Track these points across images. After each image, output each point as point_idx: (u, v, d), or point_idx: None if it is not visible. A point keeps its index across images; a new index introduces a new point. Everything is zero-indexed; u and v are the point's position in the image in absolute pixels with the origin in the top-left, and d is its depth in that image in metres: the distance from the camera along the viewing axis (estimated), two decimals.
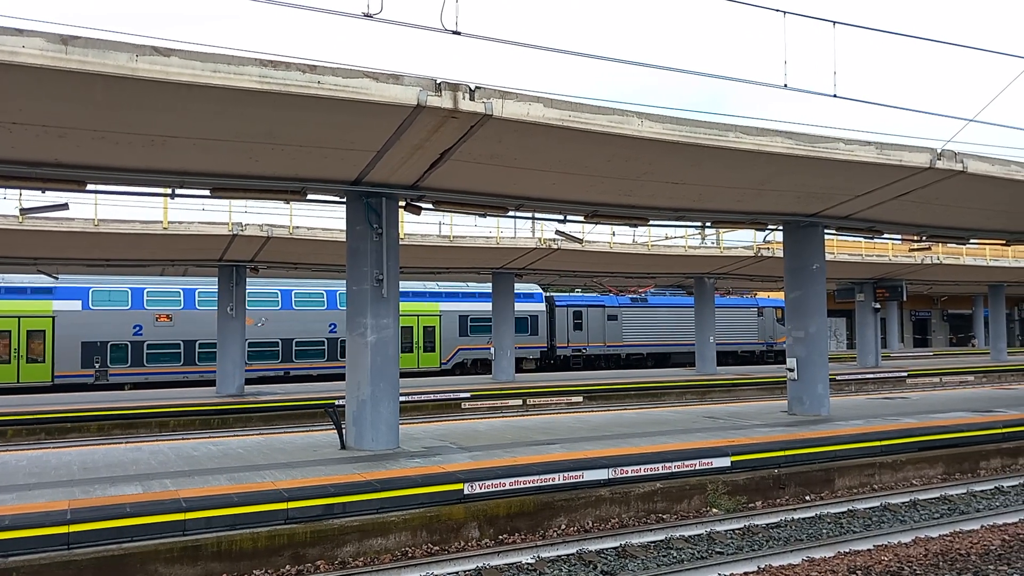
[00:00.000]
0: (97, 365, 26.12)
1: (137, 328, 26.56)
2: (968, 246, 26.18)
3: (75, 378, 25.82)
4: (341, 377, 30.57)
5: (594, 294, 36.38)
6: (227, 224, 18.23)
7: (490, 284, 26.32)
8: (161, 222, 17.74)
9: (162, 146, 9.02)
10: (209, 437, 13.58)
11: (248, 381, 25.68)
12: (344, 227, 11.74)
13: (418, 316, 30.71)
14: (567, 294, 36.04)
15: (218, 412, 19.38)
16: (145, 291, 26.98)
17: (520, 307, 31.81)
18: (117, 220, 17.54)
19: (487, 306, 30.64)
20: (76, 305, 25.93)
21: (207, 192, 10.75)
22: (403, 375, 28.55)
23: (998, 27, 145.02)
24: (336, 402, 19.49)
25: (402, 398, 19.91)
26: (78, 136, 8.57)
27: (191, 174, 10.24)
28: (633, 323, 35.39)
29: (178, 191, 10.90)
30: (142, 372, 26.64)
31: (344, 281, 30.59)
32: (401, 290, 33.58)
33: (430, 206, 11.93)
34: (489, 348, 29.09)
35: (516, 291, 30.66)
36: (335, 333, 29.34)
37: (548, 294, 35.18)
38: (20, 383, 25.08)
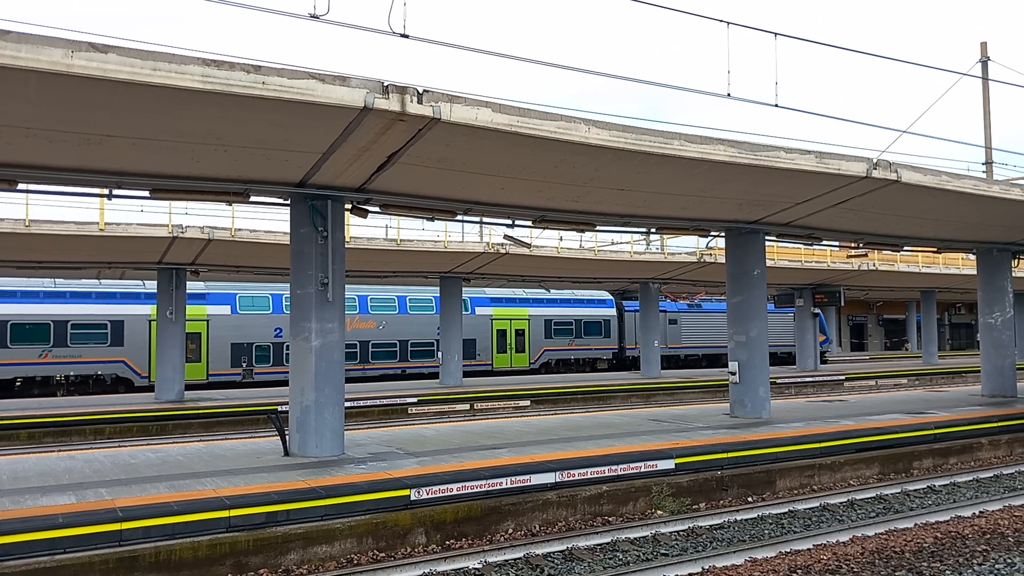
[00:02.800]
0: (244, 364, 28.49)
1: (278, 331, 29.01)
2: (902, 253, 27.13)
3: (226, 376, 28.08)
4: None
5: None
6: (167, 226, 17.79)
7: (572, 291, 26.92)
8: (97, 223, 17.22)
9: (99, 145, 8.76)
10: (147, 444, 13.21)
11: (369, 379, 30.23)
12: (288, 229, 11.56)
13: (510, 320, 33.72)
14: (636, 301, 38.00)
15: (157, 419, 18.88)
16: (284, 296, 29.43)
17: (594, 312, 35.54)
18: (50, 221, 16.96)
19: (568, 311, 34.99)
20: (226, 309, 28.36)
21: (146, 193, 10.48)
22: (497, 373, 33.35)
23: (931, 43, 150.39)
24: (279, 408, 19.20)
25: (348, 403, 19.69)
26: (9, 133, 8.27)
27: (129, 174, 9.97)
28: (690, 327, 37.97)
29: (116, 192, 10.59)
30: (282, 371, 28.72)
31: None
32: (495, 296, 33.96)
33: (377, 209, 11.83)
34: (570, 350, 34.52)
35: (590, 298, 35.89)
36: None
37: (619, 300, 37.72)
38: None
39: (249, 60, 7.61)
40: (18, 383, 25.60)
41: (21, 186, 10.02)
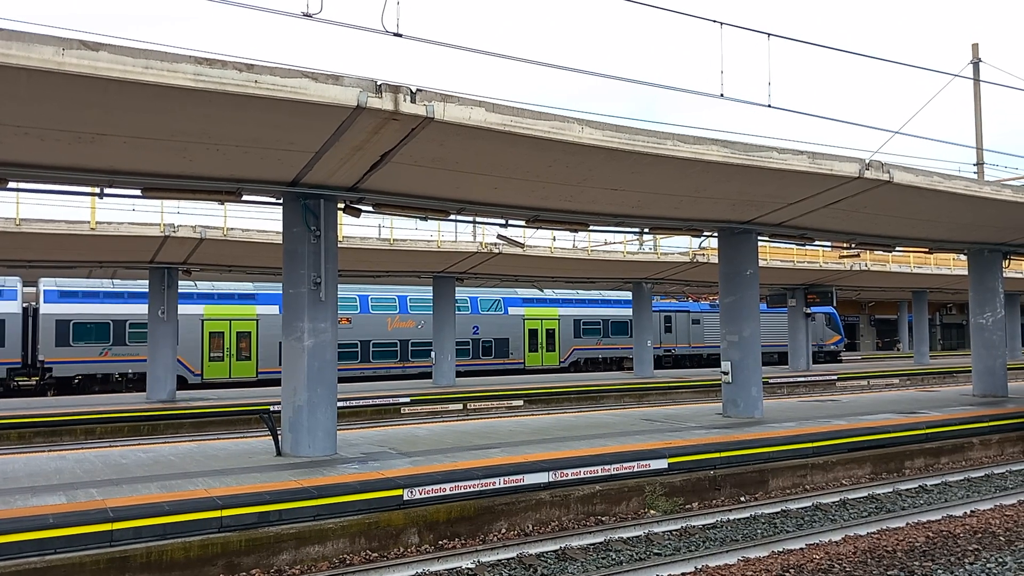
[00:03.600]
0: None
1: None
2: (894, 254, 27.23)
3: (274, 374, 28.13)
4: (482, 373, 33.38)
5: (681, 301, 40.30)
6: (159, 225, 17.71)
7: (600, 292, 27.19)
8: (89, 222, 17.13)
9: (90, 143, 8.71)
10: (139, 444, 13.15)
11: (409, 377, 31.44)
12: (281, 229, 11.53)
13: (541, 320, 35.04)
14: (660, 301, 39.15)
15: (148, 419, 18.80)
16: None
17: (621, 312, 36.82)
18: (41, 220, 16.87)
19: (596, 311, 36.35)
20: (274, 309, 28.99)
21: (138, 192, 10.43)
22: (529, 371, 34.42)
23: (923, 44, 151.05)
24: (271, 407, 19.14)
25: (340, 403, 19.65)
26: (0, 131, 8.22)
27: (121, 173, 9.92)
28: (712, 327, 38.86)
29: (107, 190, 10.53)
30: None
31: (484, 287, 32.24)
32: (527, 296, 34.62)
33: (370, 209, 11.80)
34: (598, 348, 35.94)
35: (617, 298, 37.25)
36: (477, 335, 33.53)
37: None
38: (231, 378, 28.31)
39: (242, 59, 7.59)
40: (76, 380, 26.25)
41: (12, 184, 9.96)
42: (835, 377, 30.85)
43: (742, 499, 11.13)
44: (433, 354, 26.25)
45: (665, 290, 36.50)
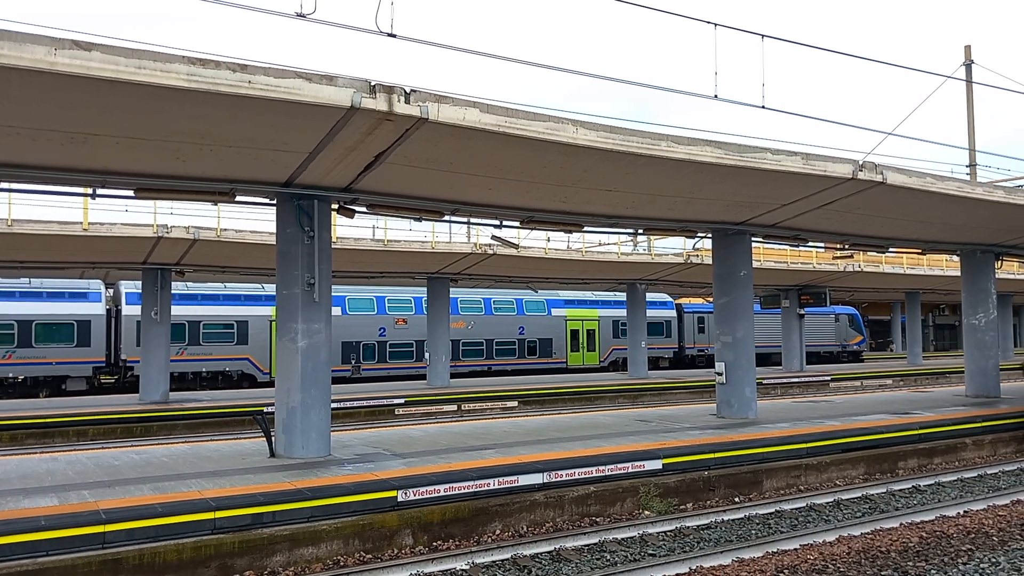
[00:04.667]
0: (353, 361, 31.23)
1: (381, 330, 31.92)
2: (887, 254, 27.28)
3: (339, 372, 30.00)
4: (527, 372, 34.35)
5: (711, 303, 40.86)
6: (152, 226, 17.66)
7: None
8: (81, 223, 17.07)
9: (83, 144, 8.68)
10: (131, 446, 13.10)
11: (461, 375, 32.49)
12: (274, 230, 11.50)
13: (582, 321, 36.37)
14: (692, 302, 40.38)
15: (141, 420, 18.73)
16: (386, 299, 32.26)
17: (656, 313, 37.80)
18: (33, 220, 16.80)
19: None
20: (337, 311, 30.63)
21: (131, 192, 10.39)
22: (571, 370, 35.51)
23: (916, 46, 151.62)
24: (264, 409, 19.09)
25: (334, 404, 19.61)
26: None
27: (114, 173, 9.88)
28: None
29: (100, 191, 10.50)
30: (385, 367, 31.82)
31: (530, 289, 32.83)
32: (569, 298, 35.51)
33: (364, 209, 11.78)
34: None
35: (651, 300, 37.08)
36: (523, 335, 34.94)
37: (677, 302, 40.03)
38: None
39: (236, 59, 7.56)
40: None
41: (3, 185, 9.92)
42: (829, 378, 30.92)
43: (736, 500, 11.14)
44: (427, 355, 26.24)
45: (688, 293, 37.26)
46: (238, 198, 11.03)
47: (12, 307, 25.77)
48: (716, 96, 13.03)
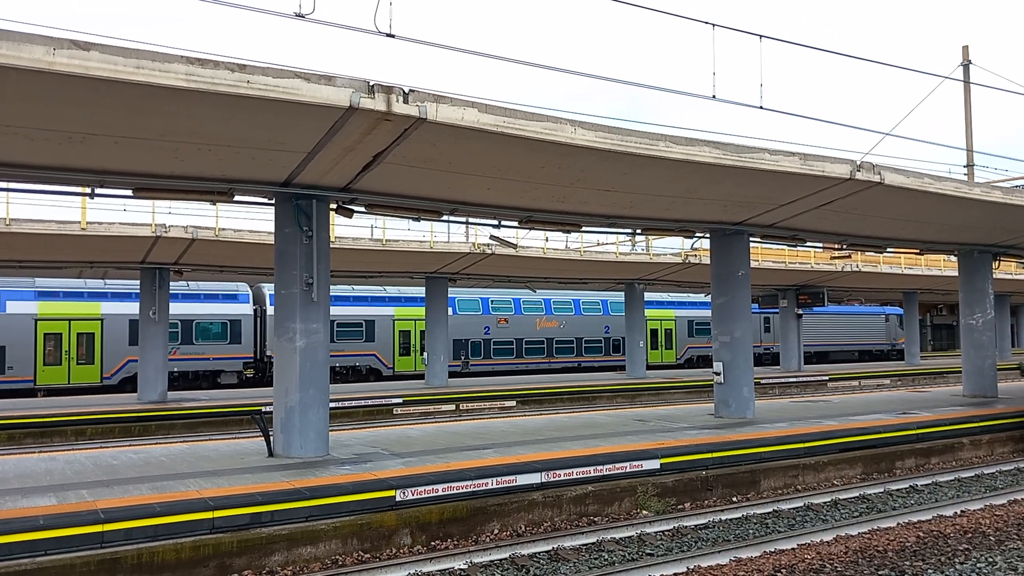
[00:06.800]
0: (463, 357, 33.46)
1: (486, 328, 34.30)
2: (885, 254, 27.29)
3: (449, 367, 30.73)
4: (612, 368, 35.68)
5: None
6: (150, 225, 17.65)
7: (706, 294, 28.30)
8: (79, 222, 17.05)
9: (81, 143, 8.68)
10: (130, 445, 13.09)
11: (553, 371, 35.00)
12: (273, 229, 11.50)
13: (660, 321, 38.35)
14: (756, 304, 40.88)
15: (139, 419, 18.73)
16: (490, 300, 34.61)
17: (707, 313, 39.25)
18: (31, 220, 16.79)
19: (706, 312, 38.32)
20: (449, 311, 31.84)
21: (129, 192, 10.39)
22: (650, 367, 35.77)
23: (914, 46, 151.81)
24: (263, 408, 19.09)
25: (333, 404, 19.60)
26: None
27: (112, 173, 9.88)
28: (805, 327, 41.21)
29: (98, 191, 10.49)
30: (490, 363, 34.20)
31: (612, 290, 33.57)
32: (649, 299, 35.49)
33: (363, 209, 11.79)
34: (708, 347, 38.04)
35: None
36: (608, 334, 37.11)
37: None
38: (417, 370, 31.92)
39: (234, 59, 7.57)
40: None
41: (2, 184, 9.91)
42: (827, 378, 30.96)
43: (734, 499, 11.15)
44: (426, 354, 26.25)
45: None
46: (236, 198, 11.03)
47: (174, 308, 27.22)
48: (714, 96, 13.06)
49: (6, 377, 25.62)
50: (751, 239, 15.71)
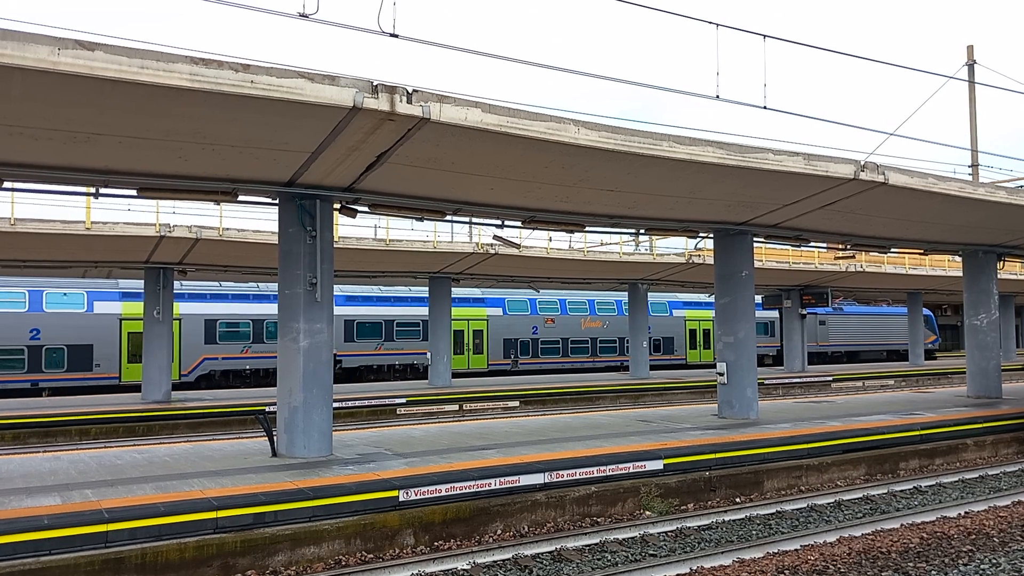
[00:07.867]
0: (512, 356, 34.66)
1: (534, 328, 35.43)
2: (889, 255, 27.25)
3: (500, 366, 34.42)
4: (654, 368, 35.54)
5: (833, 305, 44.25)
6: (154, 225, 17.67)
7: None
8: (84, 222, 17.09)
9: (85, 143, 8.69)
10: (133, 445, 13.12)
11: (597, 369, 36.30)
12: (276, 229, 11.51)
13: (699, 321, 39.76)
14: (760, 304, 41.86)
15: (143, 419, 18.76)
16: (537, 301, 35.74)
17: (762, 314, 39.79)
18: (36, 219, 16.82)
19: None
20: (498, 311, 34.74)
21: (134, 192, 10.40)
22: (689, 367, 38.31)
23: (919, 46, 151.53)
24: (267, 408, 19.12)
25: (336, 404, 19.63)
26: None
27: (117, 173, 9.90)
28: (836, 327, 43.76)
29: (102, 190, 10.51)
30: (537, 362, 35.31)
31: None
32: (687, 300, 38.67)
33: (366, 209, 11.79)
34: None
35: (758, 302, 38.51)
36: (651, 333, 37.11)
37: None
38: (470, 368, 33.57)
39: (238, 59, 7.58)
40: (359, 369, 31.61)
41: (6, 184, 9.93)
42: (830, 378, 30.90)
43: (737, 500, 11.14)
44: (429, 354, 26.25)
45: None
46: (240, 198, 11.04)
47: (247, 308, 29.32)
48: (718, 96, 13.05)
49: (93, 374, 26.40)
50: (755, 239, 15.68)
